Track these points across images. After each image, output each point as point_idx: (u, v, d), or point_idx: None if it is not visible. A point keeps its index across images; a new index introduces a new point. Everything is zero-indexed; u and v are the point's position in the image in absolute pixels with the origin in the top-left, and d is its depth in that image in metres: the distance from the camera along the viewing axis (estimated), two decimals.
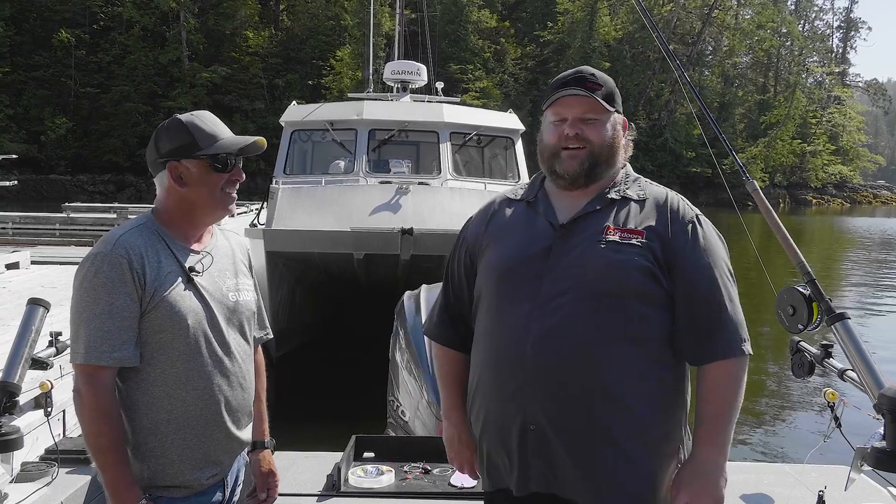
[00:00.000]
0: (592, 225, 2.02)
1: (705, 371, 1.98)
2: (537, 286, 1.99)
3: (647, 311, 1.96)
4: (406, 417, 4.63)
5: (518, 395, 1.99)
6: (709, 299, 1.98)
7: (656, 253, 1.97)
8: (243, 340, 2.22)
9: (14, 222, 17.84)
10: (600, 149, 2.06)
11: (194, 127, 2.12)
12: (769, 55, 73.56)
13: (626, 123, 2.15)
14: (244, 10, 55.04)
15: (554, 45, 60.75)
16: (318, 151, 11.11)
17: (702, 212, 2.11)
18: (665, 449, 2.01)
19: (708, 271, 1.99)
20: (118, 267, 1.98)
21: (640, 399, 1.95)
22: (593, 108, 2.05)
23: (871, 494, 3.29)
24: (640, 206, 2.05)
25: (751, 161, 60.81)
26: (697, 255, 1.99)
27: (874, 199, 79.33)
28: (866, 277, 21.91)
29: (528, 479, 2.03)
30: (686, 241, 2.00)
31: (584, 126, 2.06)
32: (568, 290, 1.96)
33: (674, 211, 2.04)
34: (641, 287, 1.95)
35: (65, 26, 50.39)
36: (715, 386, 1.97)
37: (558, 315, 1.96)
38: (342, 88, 46.71)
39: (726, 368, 1.97)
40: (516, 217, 2.16)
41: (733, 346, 1.97)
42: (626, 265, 1.95)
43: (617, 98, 2.12)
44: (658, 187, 2.13)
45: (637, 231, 1.99)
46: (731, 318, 1.98)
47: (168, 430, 2.04)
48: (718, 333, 1.97)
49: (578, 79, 2.08)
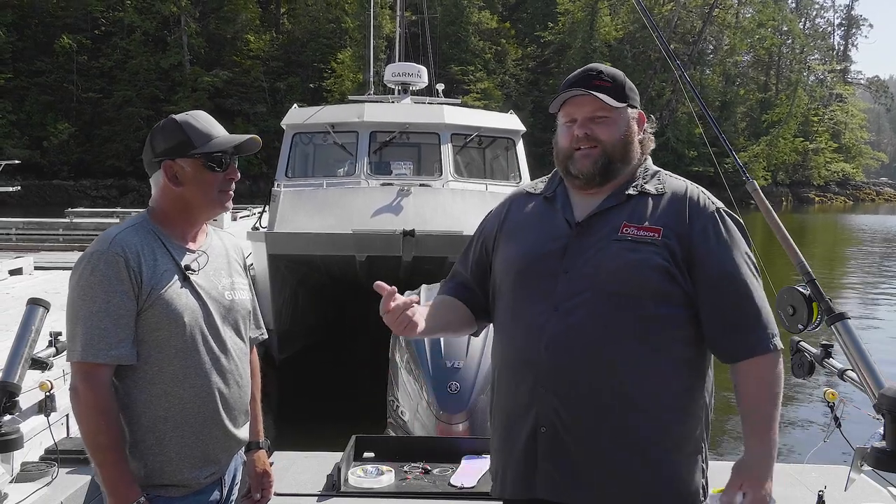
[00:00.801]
0: (608, 223, 1.99)
1: (739, 369, 1.96)
2: (553, 285, 1.97)
3: (664, 311, 1.92)
4: (405, 418, 4.63)
5: (531, 395, 1.97)
6: (735, 296, 1.94)
7: (674, 251, 1.93)
8: (239, 339, 2.22)
9: (17, 228, 17.87)
10: (612, 147, 2.02)
11: (189, 126, 2.13)
12: (770, 53, 73.45)
13: (642, 117, 2.11)
14: (245, 13, 55.13)
15: (555, 45, 60.74)
16: (320, 154, 11.14)
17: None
18: (686, 449, 1.98)
19: (732, 268, 1.95)
20: (115, 265, 1.98)
21: (658, 400, 1.93)
22: (601, 106, 2.01)
23: (871, 494, 3.28)
24: (659, 202, 2.00)
25: (753, 159, 60.73)
26: (720, 252, 1.95)
27: (877, 196, 79.27)
28: (869, 276, 21.87)
29: (533, 484, 1.98)
30: (707, 237, 1.96)
31: (594, 125, 2.03)
32: (583, 291, 1.94)
33: (693, 205, 1.99)
34: (657, 286, 1.91)
35: (66, 32, 50.47)
36: (755, 383, 1.95)
37: (573, 316, 1.93)
38: (343, 91, 46.72)
39: (760, 365, 1.94)
40: (534, 212, 2.14)
41: (764, 343, 1.94)
42: (640, 265, 1.91)
43: (630, 92, 2.08)
44: (678, 180, 2.08)
45: (654, 228, 1.95)
46: (759, 314, 1.95)
47: (166, 428, 2.04)
48: (749, 331, 1.94)
49: (585, 77, 2.05)
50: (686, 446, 1.98)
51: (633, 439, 1.92)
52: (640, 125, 2.10)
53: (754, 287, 1.96)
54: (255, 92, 52.86)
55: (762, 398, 1.94)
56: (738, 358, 1.95)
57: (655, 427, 1.93)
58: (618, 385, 1.91)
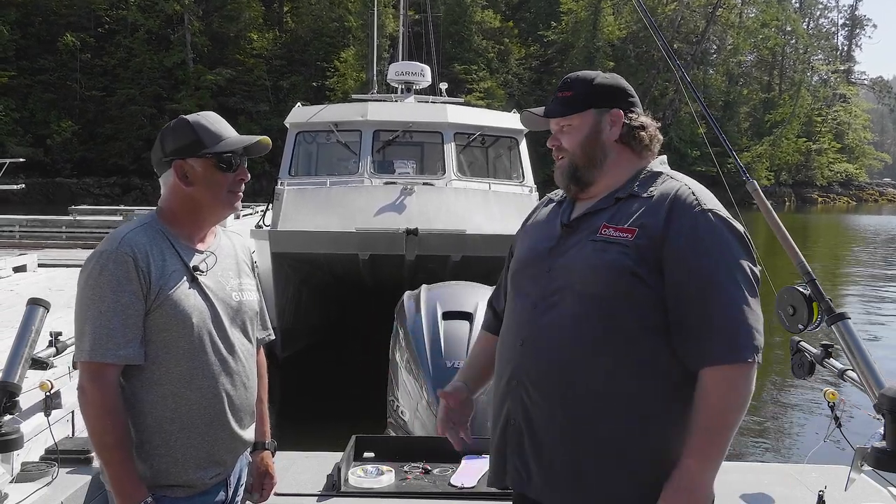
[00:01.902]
0: (592, 224, 1.99)
1: (699, 377, 1.85)
2: (537, 283, 2.00)
3: (633, 313, 1.88)
4: (406, 417, 4.63)
5: (506, 388, 2.02)
6: (699, 300, 1.84)
7: (644, 251, 1.87)
8: (246, 340, 2.22)
9: (21, 225, 17.90)
10: (573, 154, 2.04)
11: (200, 126, 2.13)
12: (774, 53, 73.39)
13: (617, 115, 2.05)
14: (248, 12, 55.14)
15: (558, 44, 60.64)
16: (323, 153, 11.15)
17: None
18: (652, 456, 1.89)
19: (700, 270, 1.85)
20: (124, 265, 1.98)
21: (624, 404, 1.88)
22: (561, 116, 2.07)
23: (871, 494, 3.28)
24: (645, 203, 1.95)
25: (756, 160, 60.66)
26: (690, 253, 1.86)
27: (880, 196, 79.09)
28: (871, 277, 21.83)
29: (504, 473, 2.04)
30: (679, 236, 1.87)
31: (561, 136, 2.07)
32: (558, 290, 1.95)
33: (677, 206, 1.90)
34: (624, 288, 1.87)
35: (70, 30, 50.58)
36: (707, 394, 1.82)
37: (548, 314, 1.95)
38: (346, 90, 46.76)
39: (720, 376, 1.82)
40: (545, 215, 2.18)
41: (727, 352, 1.82)
42: (606, 265, 1.88)
43: (601, 93, 2.05)
44: (673, 182, 1.99)
45: (629, 229, 1.90)
46: (725, 322, 1.83)
47: (172, 429, 2.04)
48: (709, 337, 1.83)
49: (557, 90, 2.10)
50: (657, 451, 1.90)
51: (594, 440, 1.90)
52: (615, 124, 2.05)
53: (728, 294, 1.84)
54: (258, 90, 52.90)
55: (714, 413, 1.82)
56: (697, 365, 1.85)
57: (618, 428, 1.89)
58: (582, 385, 1.90)
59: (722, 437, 1.83)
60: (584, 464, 1.91)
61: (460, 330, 4.58)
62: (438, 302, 4.83)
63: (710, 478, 1.84)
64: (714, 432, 1.82)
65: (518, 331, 2.01)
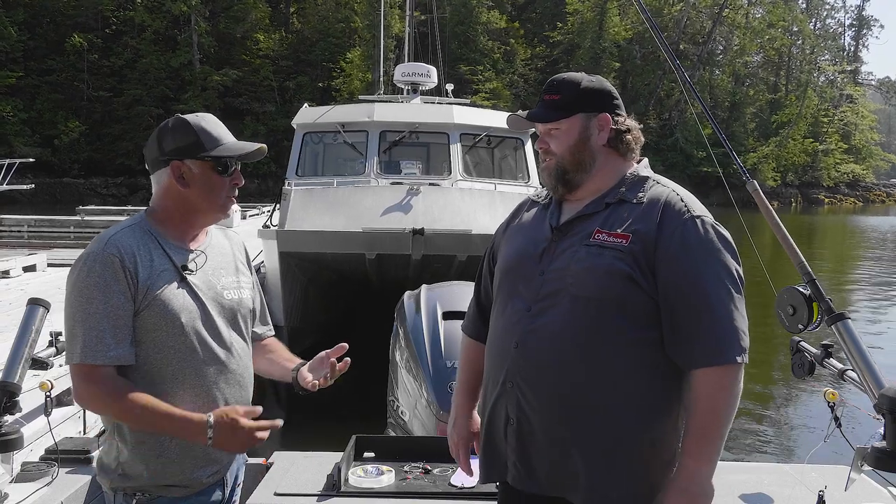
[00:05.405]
0: (584, 228, 2.01)
1: (691, 379, 1.91)
2: (529, 286, 2.03)
3: (628, 316, 1.92)
4: (405, 417, 4.64)
5: (502, 389, 2.05)
6: (690, 303, 1.90)
7: (638, 257, 1.92)
8: (241, 338, 2.22)
9: (29, 225, 18.02)
10: (561, 157, 2.06)
11: (200, 128, 2.13)
12: (780, 54, 73.17)
13: (605, 119, 2.07)
14: (255, 13, 55.33)
15: (564, 45, 60.66)
16: (330, 153, 11.19)
17: (712, 212, 2.02)
18: (650, 456, 1.96)
19: (691, 274, 1.90)
20: (111, 266, 1.99)
21: (620, 404, 1.93)
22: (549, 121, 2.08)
23: (871, 494, 3.27)
24: (635, 209, 1.99)
25: (762, 160, 60.53)
26: (681, 257, 1.91)
27: (887, 197, 78.74)
28: (876, 278, 21.75)
29: (504, 470, 2.09)
30: (671, 241, 1.92)
31: (548, 138, 2.09)
32: (553, 293, 1.98)
33: (668, 211, 1.96)
34: (620, 292, 1.91)
35: (77, 31, 50.76)
36: (698, 395, 1.89)
37: (542, 317, 1.98)
38: (352, 90, 46.84)
39: (710, 377, 1.88)
40: (530, 218, 2.20)
41: (717, 354, 1.88)
42: (603, 270, 1.92)
43: (589, 97, 2.07)
44: (662, 187, 2.04)
45: (623, 235, 1.95)
46: (716, 323, 1.89)
47: None
48: (700, 339, 1.89)
49: (542, 93, 2.11)
50: (652, 452, 1.96)
51: (590, 440, 1.94)
52: (603, 129, 2.08)
53: (717, 297, 1.90)
54: (264, 91, 53.01)
55: (707, 414, 1.89)
56: (689, 367, 1.92)
57: (615, 431, 1.93)
58: (578, 386, 1.93)
59: (715, 436, 1.89)
60: (583, 463, 1.94)
61: (460, 330, 4.58)
62: (438, 302, 4.83)
63: (708, 476, 1.90)
64: (707, 431, 1.89)
65: (511, 333, 2.03)
